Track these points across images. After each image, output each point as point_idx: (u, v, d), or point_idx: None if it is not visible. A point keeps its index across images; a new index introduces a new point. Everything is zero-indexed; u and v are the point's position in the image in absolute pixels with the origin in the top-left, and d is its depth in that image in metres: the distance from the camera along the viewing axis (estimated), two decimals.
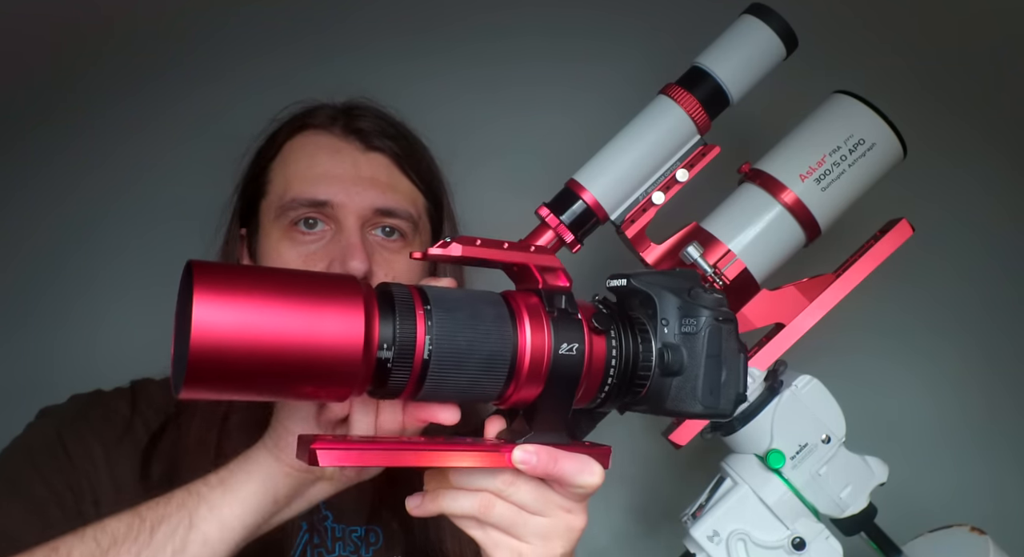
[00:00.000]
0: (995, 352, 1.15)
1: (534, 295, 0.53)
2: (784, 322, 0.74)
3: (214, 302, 0.43)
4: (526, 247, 0.55)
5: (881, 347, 1.14)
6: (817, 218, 0.73)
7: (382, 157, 0.87)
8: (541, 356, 0.51)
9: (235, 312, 0.44)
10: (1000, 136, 1.15)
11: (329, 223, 0.83)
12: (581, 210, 0.73)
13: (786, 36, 0.74)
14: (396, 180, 0.87)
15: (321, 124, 0.87)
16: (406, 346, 0.48)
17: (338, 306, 0.46)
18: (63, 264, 1.15)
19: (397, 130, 0.89)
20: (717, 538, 0.71)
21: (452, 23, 1.18)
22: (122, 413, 0.81)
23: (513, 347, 0.51)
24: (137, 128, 1.16)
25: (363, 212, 0.83)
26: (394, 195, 0.85)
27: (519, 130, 1.16)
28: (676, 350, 0.54)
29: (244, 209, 0.89)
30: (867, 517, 0.74)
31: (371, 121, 0.88)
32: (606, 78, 1.15)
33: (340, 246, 0.82)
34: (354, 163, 0.85)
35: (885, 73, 1.11)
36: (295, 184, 0.84)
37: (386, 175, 0.86)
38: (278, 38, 1.17)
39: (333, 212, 0.83)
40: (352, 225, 0.83)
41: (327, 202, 0.82)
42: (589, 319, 0.53)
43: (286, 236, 0.83)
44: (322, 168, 0.84)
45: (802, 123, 0.76)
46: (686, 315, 0.55)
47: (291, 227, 0.83)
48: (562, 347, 0.52)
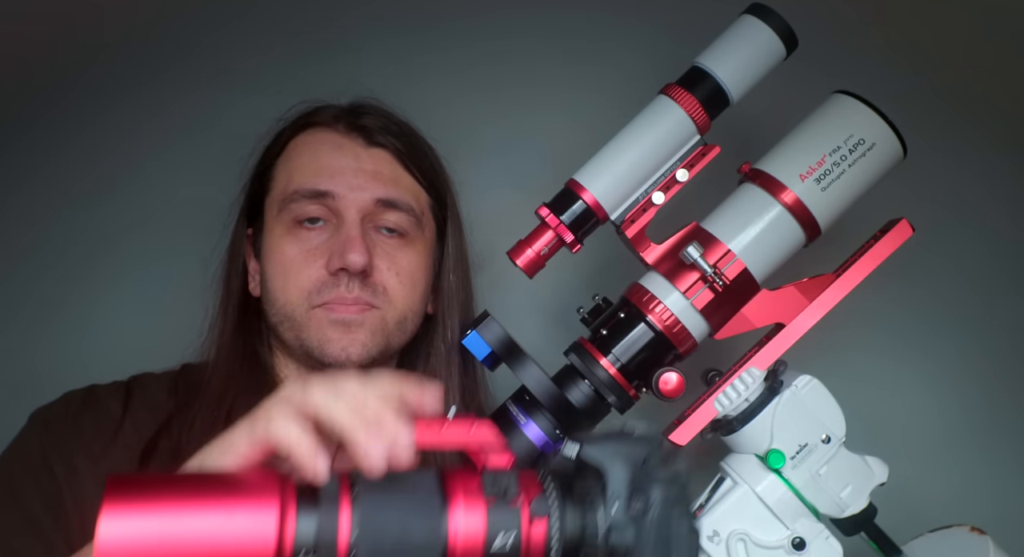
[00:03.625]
0: (996, 352, 1.15)
1: (474, 476, 0.51)
2: (784, 322, 0.74)
3: (120, 515, 0.43)
4: (464, 428, 0.51)
5: (881, 347, 1.14)
6: (817, 218, 0.73)
7: (384, 153, 0.87)
8: (474, 550, 0.48)
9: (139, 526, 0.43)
10: (1000, 136, 1.15)
11: (331, 218, 0.84)
12: (581, 210, 0.73)
13: (786, 36, 0.74)
14: (399, 175, 0.87)
15: (325, 122, 0.88)
16: (327, 548, 0.46)
17: (251, 508, 0.45)
18: (59, 261, 1.14)
19: (401, 128, 0.90)
20: (717, 538, 0.71)
21: (452, 23, 1.18)
22: (113, 415, 0.80)
23: (443, 543, 0.48)
24: (134, 127, 1.15)
25: (365, 204, 0.83)
26: (396, 189, 0.86)
27: (519, 130, 1.16)
28: (623, 532, 0.50)
29: (250, 208, 0.90)
30: (867, 517, 0.74)
31: (375, 119, 0.88)
32: (606, 78, 1.15)
33: (339, 240, 0.82)
34: (356, 157, 0.86)
35: (885, 73, 1.11)
36: (297, 177, 0.85)
37: (389, 170, 0.87)
38: (278, 37, 1.17)
39: (335, 204, 0.83)
40: (352, 218, 0.83)
41: (328, 193, 0.83)
42: (530, 501, 0.50)
43: (288, 232, 0.84)
44: (324, 161, 0.85)
45: (802, 123, 0.76)
46: (637, 491, 0.51)
47: (293, 223, 0.84)
48: (496, 539, 0.49)
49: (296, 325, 0.83)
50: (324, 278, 0.82)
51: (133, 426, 0.80)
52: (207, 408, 0.80)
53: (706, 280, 0.72)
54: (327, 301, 0.82)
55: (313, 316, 0.82)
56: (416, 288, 0.86)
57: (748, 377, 0.73)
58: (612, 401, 0.74)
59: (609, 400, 0.74)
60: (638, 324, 0.73)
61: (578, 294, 0.89)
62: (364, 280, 0.82)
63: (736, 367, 0.74)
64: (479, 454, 0.51)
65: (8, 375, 1.09)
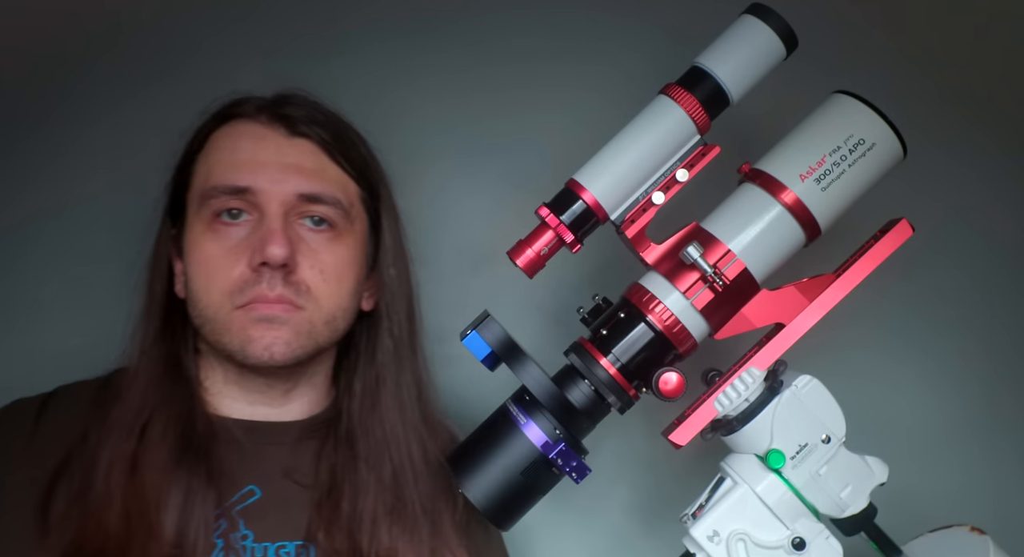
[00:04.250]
0: (997, 352, 1.15)
1: None
2: (784, 322, 0.74)
3: None
4: None
5: (881, 347, 1.14)
6: (817, 218, 0.73)
7: (308, 143, 0.84)
8: None
9: None
10: (1001, 135, 1.15)
11: (252, 212, 0.80)
12: (581, 210, 0.73)
13: (786, 36, 0.74)
14: (324, 166, 0.84)
15: (247, 114, 0.84)
16: None
17: None
18: None
19: (327, 117, 0.86)
20: (717, 538, 0.71)
21: (453, 23, 1.18)
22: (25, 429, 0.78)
23: None
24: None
25: (287, 198, 0.80)
26: (320, 181, 0.83)
27: (519, 130, 1.16)
28: None
29: (173, 205, 0.86)
30: (867, 517, 0.74)
31: (299, 108, 0.85)
32: (606, 78, 1.15)
33: (260, 235, 0.79)
34: (278, 149, 0.82)
35: (885, 73, 1.11)
36: (216, 171, 0.81)
37: (312, 161, 0.83)
38: (280, 39, 1.17)
39: (255, 199, 0.80)
40: (274, 211, 0.80)
41: (248, 188, 0.80)
42: None
43: (209, 228, 0.80)
44: (244, 154, 0.82)
45: (802, 123, 0.76)
46: None
47: (214, 219, 0.80)
48: None
49: (218, 328, 0.80)
50: (247, 276, 0.79)
51: (43, 441, 0.77)
52: (123, 419, 0.78)
53: (706, 280, 0.72)
54: (249, 300, 0.78)
55: (235, 318, 0.79)
56: (343, 284, 0.83)
57: (748, 377, 0.73)
58: (612, 401, 0.74)
59: (609, 400, 0.74)
60: (638, 324, 0.73)
61: (578, 294, 0.89)
62: (287, 277, 0.79)
63: (736, 367, 0.74)
64: None
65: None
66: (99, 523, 0.73)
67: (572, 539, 1.13)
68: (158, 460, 0.76)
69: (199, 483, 0.76)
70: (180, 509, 0.75)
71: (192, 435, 0.79)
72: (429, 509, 0.82)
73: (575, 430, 0.73)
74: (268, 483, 0.81)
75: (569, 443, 0.71)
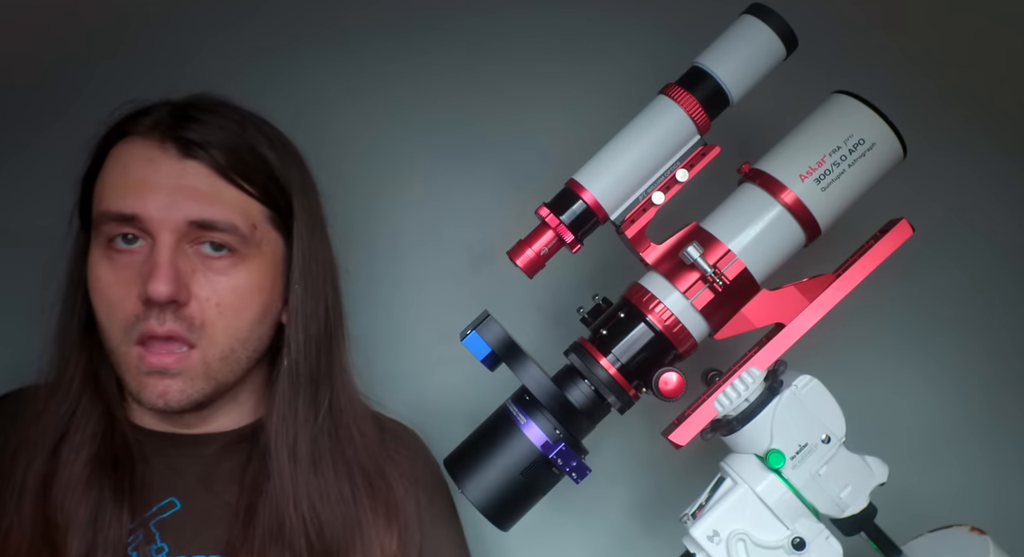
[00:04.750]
0: (997, 353, 1.15)
1: None
2: (784, 322, 0.74)
3: None
4: None
5: (881, 347, 1.14)
6: (817, 218, 0.73)
7: (201, 166, 0.78)
8: None
9: None
10: (1001, 135, 1.15)
11: (146, 237, 0.76)
12: (581, 210, 0.73)
13: (786, 36, 0.74)
14: (219, 189, 0.78)
15: (139, 132, 0.79)
16: None
17: None
18: None
19: (228, 132, 0.80)
20: (717, 538, 0.71)
21: (451, 23, 1.18)
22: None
23: None
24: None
25: (177, 226, 0.76)
26: (215, 206, 0.77)
27: (519, 130, 1.16)
28: None
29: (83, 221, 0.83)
30: (867, 517, 0.74)
31: (197, 124, 0.79)
32: (606, 78, 1.15)
33: (148, 267, 0.75)
34: (170, 172, 0.77)
35: (885, 73, 1.11)
36: (107, 196, 0.78)
37: (206, 184, 0.78)
38: (280, 39, 1.17)
39: (145, 227, 0.76)
40: (164, 242, 0.75)
41: (135, 216, 0.75)
42: None
43: (104, 255, 0.77)
44: (133, 178, 0.77)
45: (802, 123, 0.76)
46: None
47: (108, 244, 0.77)
48: None
49: (118, 362, 0.77)
50: (137, 309, 0.75)
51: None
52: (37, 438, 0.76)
53: (706, 280, 0.72)
54: (140, 335, 0.75)
55: (129, 358, 0.76)
56: (242, 315, 0.79)
57: (748, 377, 0.73)
58: (612, 401, 0.74)
59: (609, 400, 0.74)
60: (638, 324, 0.73)
61: (578, 294, 0.89)
62: (177, 311, 0.75)
63: (736, 367, 0.75)
64: None
65: None
66: (5, 547, 0.72)
67: (572, 539, 1.13)
68: (71, 478, 0.74)
69: (112, 499, 0.75)
70: (90, 527, 0.73)
71: (108, 450, 0.77)
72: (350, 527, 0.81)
73: (575, 430, 0.73)
74: (188, 495, 0.80)
75: (569, 443, 0.71)
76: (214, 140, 0.78)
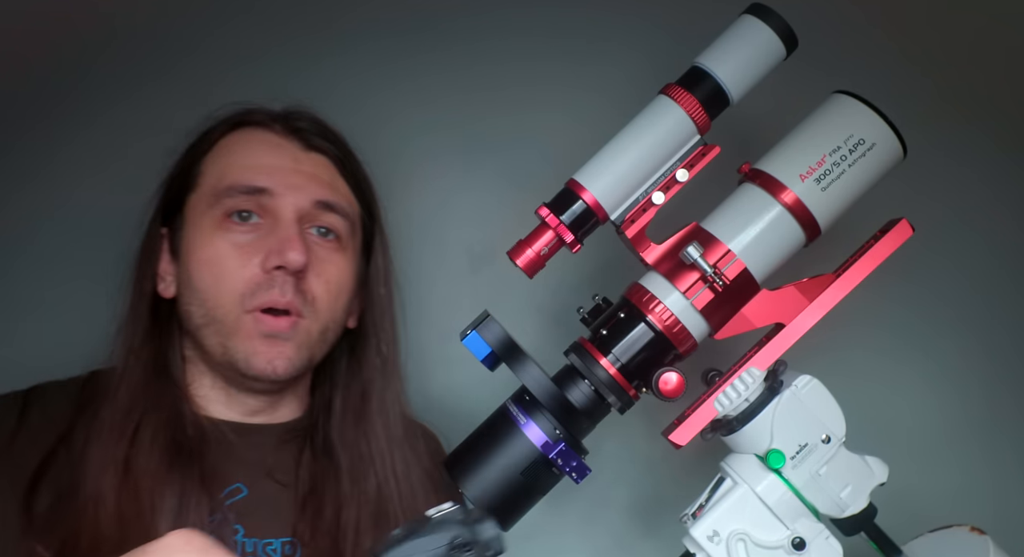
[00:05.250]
0: (996, 353, 1.15)
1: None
2: (784, 322, 0.74)
3: None
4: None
5: (881, 347, 1.14)
6: (817, 218, 0.73)
7: (322, 158, 0.85)
8: None
9: None
10: (1001, 135, 1.15)
11: (265, 216, 0.81)
12: (581, 210, 0.73)
13: (786, 36, 0.74)
14: (336, 180, 0.85)
15: (260, 122, 0.85)
16: None
17: None
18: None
19: (336, 136, 0.88)
20: (717, 538, 0.71)
21: (451, 22, 1.18)
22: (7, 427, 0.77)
23: None
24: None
25: (302, 205, 0.81)
26: (334, 192, 0.84)
27: (519, 130, 1.16)
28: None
29: (168, 206, 0.86)
30: (867, 517, 0.74)
31: (310, 123, 0.86)
32: (606, 78, 1.15)
33: (277, 238, 0.79)
34: (295, 158, 0.83)
35: (885, 73, 1.11)
36: (232, 172, 0.82)
37: (327, 174, 0.85)
38: (275, 39, 1.17)
39: (271, 202, 0.80)
40: (289, 217, 0.80)
41: (266, 190, 0.80)
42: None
43: (218, 227, 0.80)
44: (262, 159, 0.82)
45: (802, 123, 0.76)
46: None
47: (224, 218, 0.80)
48: None
49: (224, 330, 0.80)
50: (259, 278, 0.79)
51: (29, 438, 0.77)
52: (113, 421, 0.77)
53: (706, 280, 0.72)
54: (260, 304, 0.79)
55: (243, 323, 0.79)
56: (340, 298, 0.84)
57: (748, 377, 0.73)
58: (612, 401, 0.74)
59: (609, 400, 0.74)
60: (638, 324, 0.73)
61: (578, 294, 0.89)
62: (297, 284, 0.80)
63: (736, 367, 0.74)
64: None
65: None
66: (93, 524, 0.73)
67: (572, 539, 1.13)
68: (151, 463, 0.76)
69: (193, 486, 0.77)
70: (175, 513, 0.75)
71: (183, 437, 0.79)
72: None
73: (575, 430, 0.73)
74: (253, 481, 0.82)
75: (569, 443, 0.71)
76: (328, 138, 0.86)
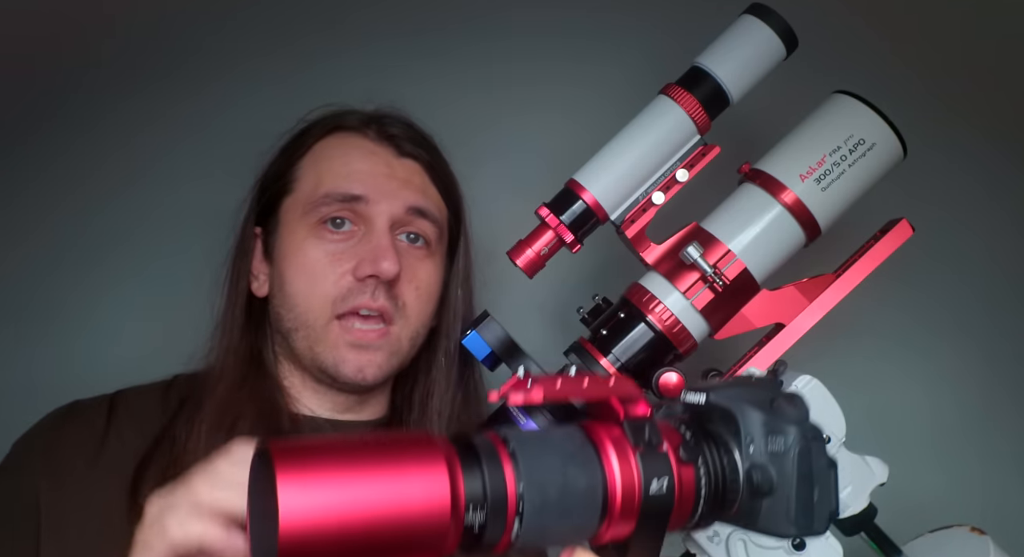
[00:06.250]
0: (995, 353, 1.15)
1: (616, 426, 0.51)
2: (784, 322, 0.74)
3: (298, 485, 0.42)
4: (605, 381, 0.51)
5: (881, 347, 1.14)
6: (817, 218, 0.73)
7: (415, 164, 0.87)
8: (632, 494, 0.49)
9: (320, 494, 0.42)
10: (1001, 136, 1.15)
11: (358, 223, 0.82)
12: (581, 210, 0.73)
13: (786, 36, 0.74)
14: (427, 186, 0.87)
15: (354, 127, 0.87)
16: (498, 503, 0.46)
17: (421, 469, 0.44)
18: (59, 266, 1.14)
19: (427, 141, 0.90)
20: (717, 538, 0.71)
21: (451, 23, 1.18)
22: (96, 430, 0.78)
23: (604, 488, 0.48)
24: (136, 130, 1.15)
25: (396, 212, 0.83)
26: (426, 198, 0.86)
27: (519, 130, 1.16)
28: (764, 470, 0.51)
29: (263, 207, 0.88)
30: (867, 517, 0.74)
31: (402, 129, 0.88)
32: (606, 78, 1.15)
33: (370, 247, 0.81)
34: (388, 165, 0.85)
35: (885, 73, 1.11)
36: (328, 179, 0.83)
37: (419, 180, 0.86)
38: (279, 40, 1.17)
39: (365, 209, 0.82)
40: (383, 225, 0.82)
41: (362, 197, 0.82)
42: (676, 449, 0.51)
43: (312, 234, 0.82)
44: (357, 166, 0.84)
45: (802, 123, 0.76)
46: (772, 432, 0.52)
47: (319, 225, 0.82)
48: (652, 484, 0.49)
49: (313, 335, 0.81)
50: (351, 284, 0.80)
51: (119, 441, 0.78)
52: (214, 413, 0.78)
53: (706, 280, 0.72)
54: (352, 308, 0.80)
55: (331, 330, 0.80)
56: (430, 303, 0.86)
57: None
58: None
59: None
60: (638, 324, 0.73)
61: (578, 294, 0.89)
62: (389, 290, 0.81)
63: (736, 367, 0.74)
64: (619, 405, 0.51)
65: (6, 381, 1.08)
66: None
67: None
68: None
69: None
70: None
71: (279, 431, 0.80)
72: None
73: None
74: None
75: None
76: (419, 143, 0.87)
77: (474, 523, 0.45)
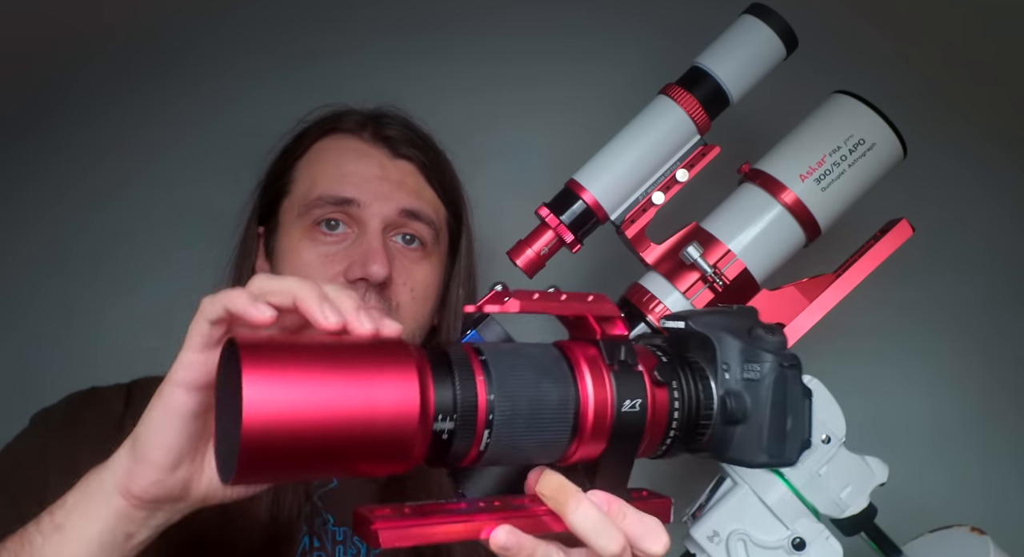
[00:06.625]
0: (994, 353, 1.15)
1: (592, 346, 0.50)
2: (784, 322, 0.74)
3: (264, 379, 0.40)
4: (583, 297, 0.51)
5: (881, 347, 1.14)
6: (817, 218, 0.73)
7: (409, 165, 0.87)
8: (604, 413, 0.48)
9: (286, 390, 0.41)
10: (1001, 136, 1.15)
11: (352, 225, 0.83)
12: (581, 210, 0.73)
13: (786, 36, 0.74)
14: (422, 188, 0.87)
15: (350, 129, 0.88)
16: (468, 412, 0.45)
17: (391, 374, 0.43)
18: (65, 262, 1.14)
19: (424, 141, 0.90)
20: (717, 538, 0.71)
21: (452, 23, 1.18)
22: (114, 413, 0.79)
23: (576, 405, 0.48)
24: (136, 130, 1.15)
25: (388, 214, 0.83)
26: (420, 200, 0.86)
27: (519, 130, 1.16)
28: (739, 397, 0.51)
29: (264, 208, 0.89)
30: (867, 517, 0.74)
31: (399, 130, 0.88)
32: (606, 78, 1.15)
33: (361, 249, 0.81)
34: (382, 167, 0.85)
35: (885, 73, 1.11)
36: (321, 182, 0.84)
37: (413, 182, 0.86)
38: (279, 40, 1.17)
39: (358, 212, 0.82)
40: (375, 228, 0.82)
41: (353, 200, 0.82)
42: (651, 371, 0.50)
43: (306, 236, 0.83)
44: (350, 168, 0.85)
45: (802, 123, 0.76)
46: (748, 360, 0.52)
47: (312, 227, 0.83)
48: (625, 403, 0.49)
49: None
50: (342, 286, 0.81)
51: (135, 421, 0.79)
52: None
53: (706, 280, 0.72)
54: None
55: None
56: (427, 304, 0.86)
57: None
58: None
59: None
60: (638, 324, 0.73)
61: None
62: (381, 292, 0.81)
63: None
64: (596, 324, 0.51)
65: (12, 380, 1.09)
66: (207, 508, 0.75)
67: None
68: None
69: None
70: (272, 498, 0.77)
71: None
72: None
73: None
74: None
75: None
76: (415, 144, 0.87)
77: (443, 430, 0.44)
